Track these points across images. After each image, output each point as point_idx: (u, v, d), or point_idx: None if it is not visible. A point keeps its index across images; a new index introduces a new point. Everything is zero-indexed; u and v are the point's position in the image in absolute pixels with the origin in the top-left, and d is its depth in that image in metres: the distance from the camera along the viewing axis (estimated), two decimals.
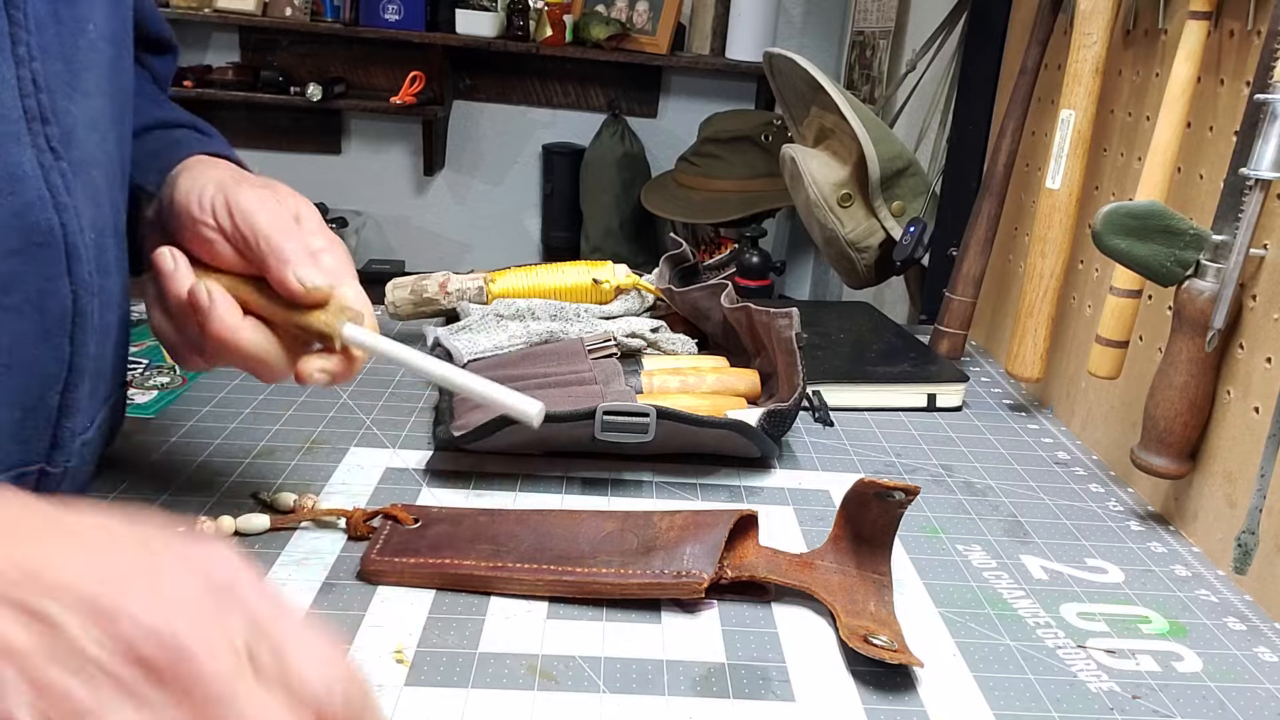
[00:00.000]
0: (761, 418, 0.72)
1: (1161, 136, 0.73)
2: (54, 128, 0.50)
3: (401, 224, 3.36)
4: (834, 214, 1.23)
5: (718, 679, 0.51)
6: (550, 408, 0.69)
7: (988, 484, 0.75)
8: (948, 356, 0.99)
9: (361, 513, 0.62)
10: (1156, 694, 0.52)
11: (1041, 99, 0.97)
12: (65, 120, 0.51)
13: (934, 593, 0.60)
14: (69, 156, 0.51)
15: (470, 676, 0.50)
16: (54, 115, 0.50)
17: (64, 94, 0.51)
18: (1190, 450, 0.69)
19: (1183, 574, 0.65)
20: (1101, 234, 0.67)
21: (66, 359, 0.52)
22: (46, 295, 0.51)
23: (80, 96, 0.53)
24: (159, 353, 0.88)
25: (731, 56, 2.97)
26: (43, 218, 0.50)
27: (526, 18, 2.94)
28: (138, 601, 0.29)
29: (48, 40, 0.50)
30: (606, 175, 3.07)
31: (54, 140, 0.50)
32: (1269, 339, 0.64)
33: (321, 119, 3.19)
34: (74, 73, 0.52)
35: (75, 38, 0.52)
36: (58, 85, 0.51)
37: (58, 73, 0.51)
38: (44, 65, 0.50)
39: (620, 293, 0.97)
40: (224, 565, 0.32)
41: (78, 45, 0.53)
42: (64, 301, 0.52)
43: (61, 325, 0.52)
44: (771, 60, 1.34)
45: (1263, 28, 0.66)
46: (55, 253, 0.51)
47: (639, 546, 0.59)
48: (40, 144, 0.50)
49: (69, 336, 0.52)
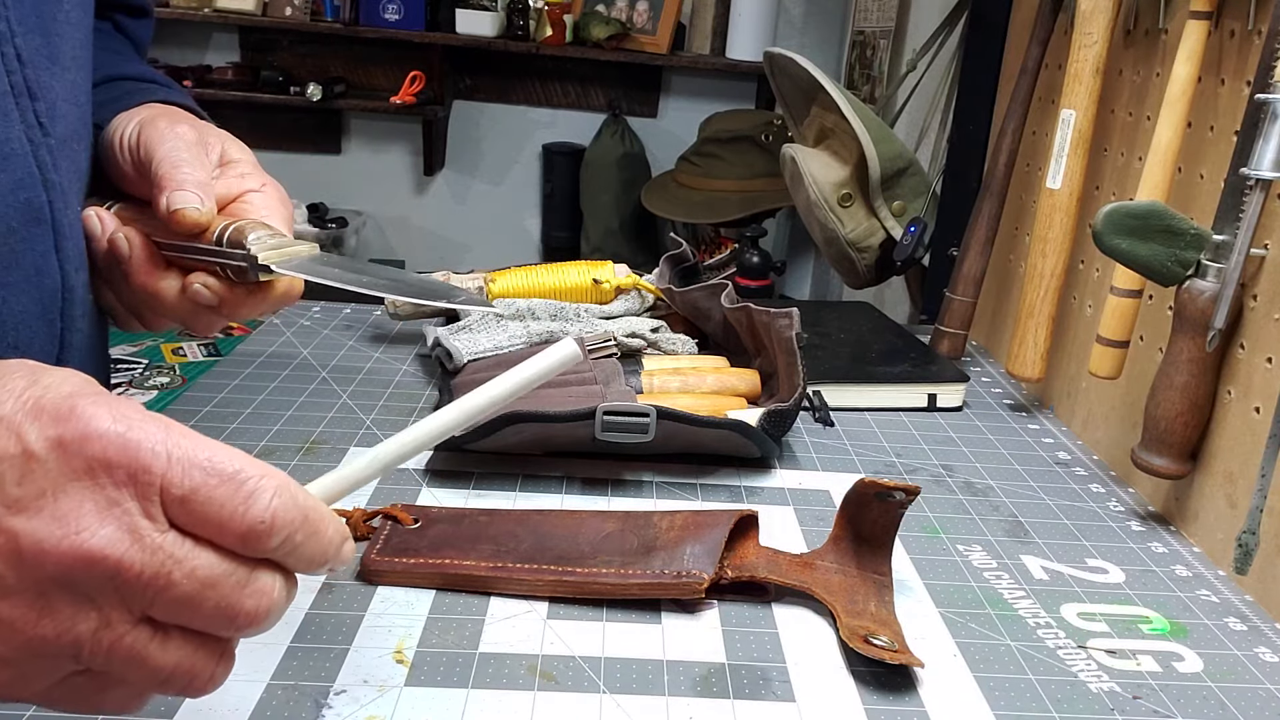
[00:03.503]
0: (761, 418, 0.72)
1: (1162, 136, 0.73)
2: (40, 103, 0.50)
3: (401, 224, 3.37)
4: (834, 214, 1.23)
5: (718, 679, 0.51)
6: (550, 408, 0.69)
7: (988, 484, 0.75)
8: (948, 356, 0.99)
9: (361, 513, 0.62)
10: (1157, 694, 0.52)
11: (1042, 99, 0.97)
12: (48, 95, 0.51)
13: (934, 593, 0.60)
14: (54, 132, 0.51)
15: (470, 676, 0.50)
16: (39, 90, 0.50)
17: (45, 68, 0.51)
18: (1191, 450, 0.69)
19: (1183, 574, 0.65)
20: (1102, 234, 0.67)
21: (59, 336, 0.52)
22: (41, 273, 0.50)
23: (60, 70, 0.52)
24: (159, 352, 0.88)
25: (731, 56, 2.97)
26: (33, 195, 0.49)
27: (526, 17, 2.94)
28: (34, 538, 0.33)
29: (26, 13, 0.49)
30: (606, 175, 3.08)
31: (41, 116, 0.50)
32: (1270, 339, 0.64)
33: (321, 119, 3.20)
34: (53, 47, 0.52)
35: (53, 11, 0.52)
36: (39, 60, 0.50)
37: (38, 47, 0.50)
38: (25, 40, 0.49)
39: (620, 293, 0.97)
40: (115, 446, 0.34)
41: (55, 18, 0.52)
42: (54, 279, 0.51)
43: (54, 303, 0.51)
44: (772, 60, 1.34)
45: (1263, 28, 0.66)
46: (45, 230, 0.50)
47: (639, 547, 0.59)
48: (29, 119, 0.49)
49: (60, 314, 0.52)
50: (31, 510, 0.32)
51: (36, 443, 0.33)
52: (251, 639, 0.51)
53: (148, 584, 0.33)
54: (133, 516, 0.33)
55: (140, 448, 0.33)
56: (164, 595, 0.33)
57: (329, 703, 0.47)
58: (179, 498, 0.34)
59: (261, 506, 0.34)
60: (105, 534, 0.32)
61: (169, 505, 0.34)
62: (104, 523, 0.33)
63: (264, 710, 0.47)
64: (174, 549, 0.33)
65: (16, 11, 0.49)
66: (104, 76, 0.64)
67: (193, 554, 0.34)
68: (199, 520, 0.34)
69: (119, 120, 0.58)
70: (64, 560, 0.32)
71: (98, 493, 0.33)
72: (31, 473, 0.32)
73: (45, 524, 0.32)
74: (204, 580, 0.34)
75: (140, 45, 0.73)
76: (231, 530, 0.34)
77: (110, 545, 0.32)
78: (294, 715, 0.46)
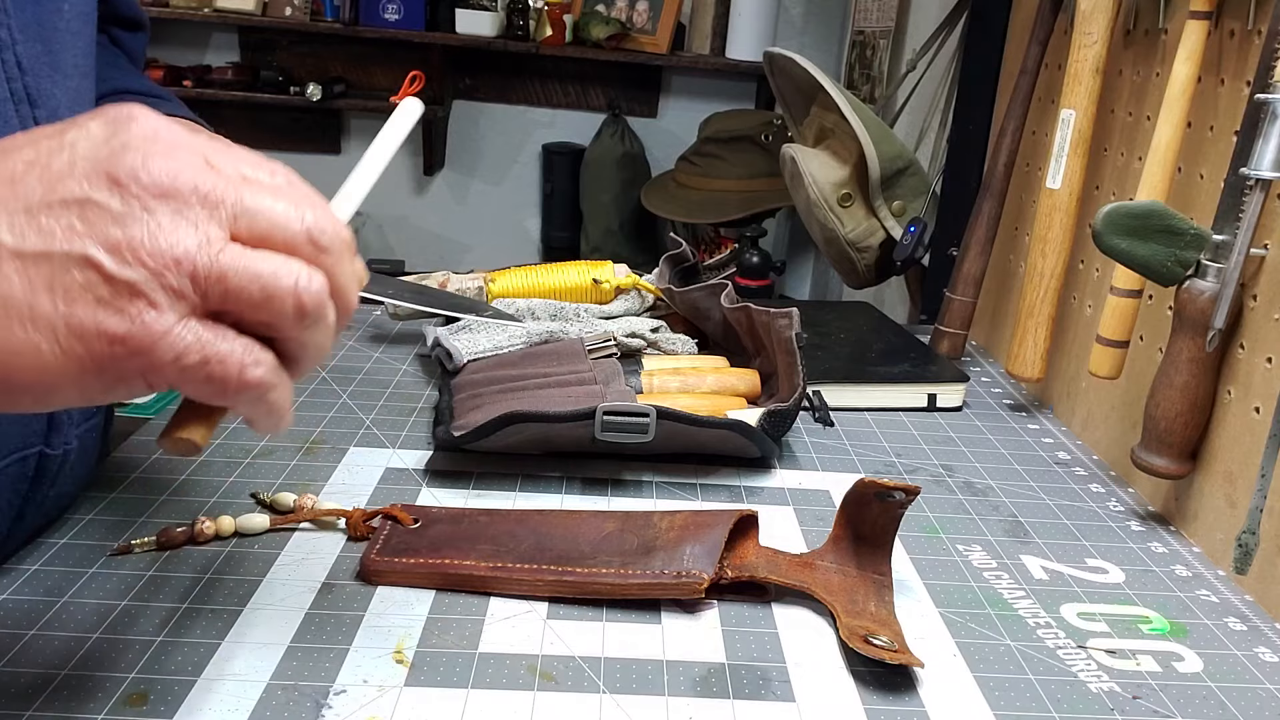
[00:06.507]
0: (761, 418, 0.72)
1: (1162, 136, 0.73)
2: (41, 110, 0.50)
3: (401, 224, 3.36)
4: (834, 214, 1.23)
5: (718, 679, 0.51)
6: (550, 408, 0.69)
7: (988, 484, 0.75)
8: (948, 356, 0.99)
9: (361, 513, 0.62)
10: (1157, 694, 0.52)
11: (1041, 99, 0.97)
12: (49, 102, 0.51)
13: (934, 593, 0.60)
14: None
15: (470, 676, 0.50)
16: (39, 98, 0.50)
17: (46, 76, 0.51)
18: (1191, 450, 0.69)
19: (1183, 574, 0.65)
20: (1102, 234, 0.67)
21: None
22: None
23: (61, 77, 0.52)
24: None
25: (731, 56, 2.96)
26: None
27: (526, 17, 2.94)
28: (129, 162, 0.35)
29: (27, 21, 0.50)
30: (606, 175, 3.07)
31: (41, 122, 0.50)
32: (1269, 339, 0.64)
33: (321, 119, 3.19)
34: (53, 54, 0.52)
35: (53, 19, 0.52)
36: (39, 67, 0.50)
37: (38, 54, 0.50)
38: (25, 47, 0.49)
39: (620, 293, 0.97)
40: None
41: (56, 26, 0.52)
42: None
43: None
44: (771, 60, 1.34)
45: (1263, 27, 0.66)
46: None
47: (639, 547, 0.59)
48: (29, 126, 0.49)
49: None
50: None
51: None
52: (252, 639, 0.51)
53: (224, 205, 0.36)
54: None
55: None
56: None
57: (329, 703, 0.47)
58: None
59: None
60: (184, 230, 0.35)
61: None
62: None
63: (264, 710, 0.47)
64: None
65: (17, 20, 0.49)
66: (109, 90, 0.65)
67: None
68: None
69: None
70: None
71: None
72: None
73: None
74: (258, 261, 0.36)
75: (135, 59, 0.74)
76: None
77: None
78: (294, 715, 0.46)
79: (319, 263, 0.37)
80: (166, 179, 0.35)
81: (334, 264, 0.38)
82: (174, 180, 0.35)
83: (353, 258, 0.39)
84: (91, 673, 0.48)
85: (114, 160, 0.34)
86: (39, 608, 0.53)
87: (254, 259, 0.35)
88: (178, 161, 0.35)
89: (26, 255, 0.33)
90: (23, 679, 0.47)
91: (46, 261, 0.33)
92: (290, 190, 0.38)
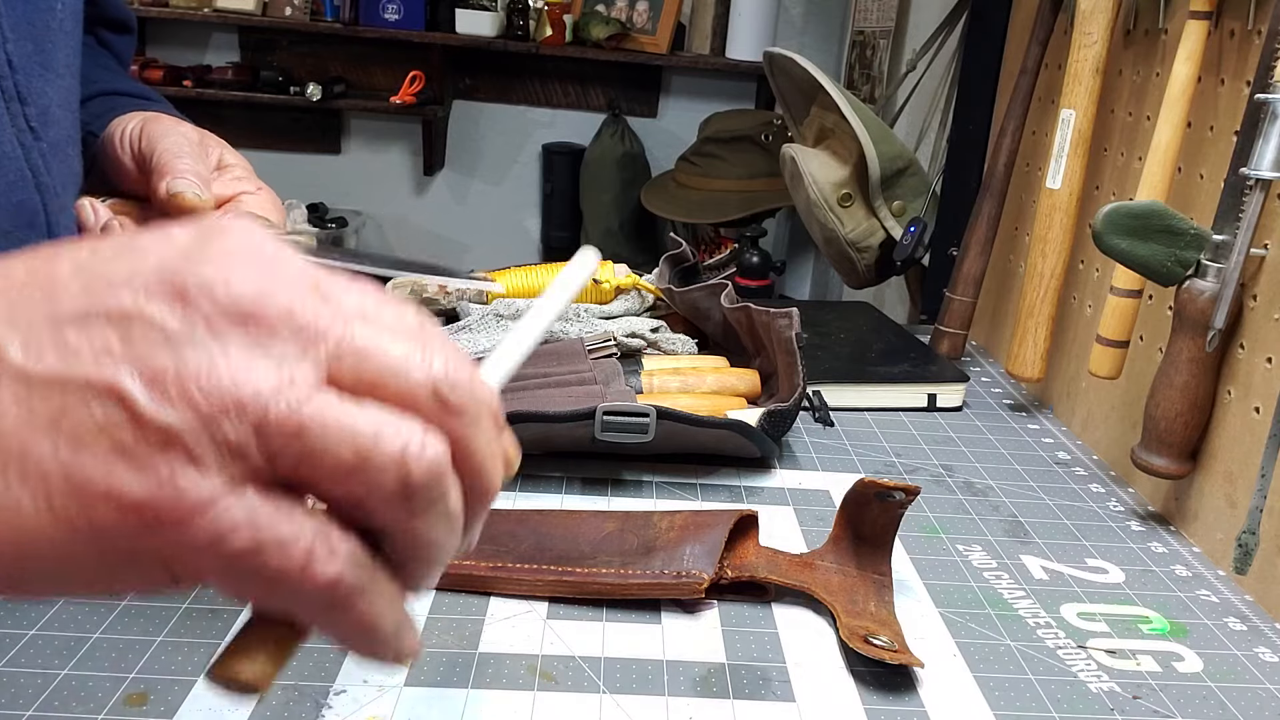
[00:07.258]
0: (761, 418, 0.72)
1: (1162, 136, 0.73)
2: (31, 108, 0.50)
3: (401, 224, 3.36)
4: (834, 214, 1.23)
5: (718, 679, 0.51)
6: (550, 408, 0.69)
7: (988, 484, 0.75)
8: (948, 356, 0.99)
9: None
10: (1157, 694, 0.52)
11: (1041, 99, 0.97)
12: (40, 100, 0.51)
13: (934, 593, 0.60)
14: (46, 137, 0.51)
15: (470, 676, 0.50)
16: (30, 95, 0.50)
17: (37, 74, 0.51)
18: (1191, 450, 0.69)
19: (1183, 574, 0.65)
20: (1102, 234, 0.67)
21: None
22: None
23: (53, 76, 0.53)
24: None
25: (731, 56, 2.96)
26: (27, 198, 0.50)
27: (526, 17, 2.94)
28: (208, 275, 0.26)
29: (18, 19, 0.50)
30: (606, 175, 3.07)
31: (32, 120, 0.50)
32: (1269, 339, 0.64)
33: (321, 119, 3.19)
34: (45, 53, 0.52)
35: (45, 17, 0.52)
36: (31, 65, 0.51)
37: (29, 53, 0.51)
38: (16, 46, 0.50)
39: (620, 293, 0.97)
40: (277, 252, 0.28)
41: (48, 25, 0.52)
42: None
43: None
44: (771, 60, 1.34)
45: (1263, 28, 0.66)
46: (39, 232, 0.51)
47: (639, 547, 0.59)
48: (20, 124, 0.50)
49: None
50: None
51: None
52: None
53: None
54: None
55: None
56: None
57: (329, 703, 0.47)
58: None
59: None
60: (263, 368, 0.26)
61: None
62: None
63: (264, 710, 0.47)
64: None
65: (9, 19, 0.49)
66: (99, 90, 0.65)
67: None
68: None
69: (121, 119, 0.59)
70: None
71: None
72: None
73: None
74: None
75: (123, 61, 0.74)
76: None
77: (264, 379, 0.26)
78: (294, 715, 0.46)
79: (445, 425, 0.27)
80: (250, 299, 0.26)
81: (466, 430, 0.27)
82: (260, 301, 0.26)
83: (498, 429, 0.29)
84: (91, 673, 0.48)
85: (188, 271, 0.26)
86: (39, 608, 0.53)
87: (350, 412, 0.26)
88: (273, 281, 0.26)
89: (34, 379, 0.24)
90: (22, 679, 0.47)
91: (59, 390, 0.24)
92: (421, 333, 0.28)
